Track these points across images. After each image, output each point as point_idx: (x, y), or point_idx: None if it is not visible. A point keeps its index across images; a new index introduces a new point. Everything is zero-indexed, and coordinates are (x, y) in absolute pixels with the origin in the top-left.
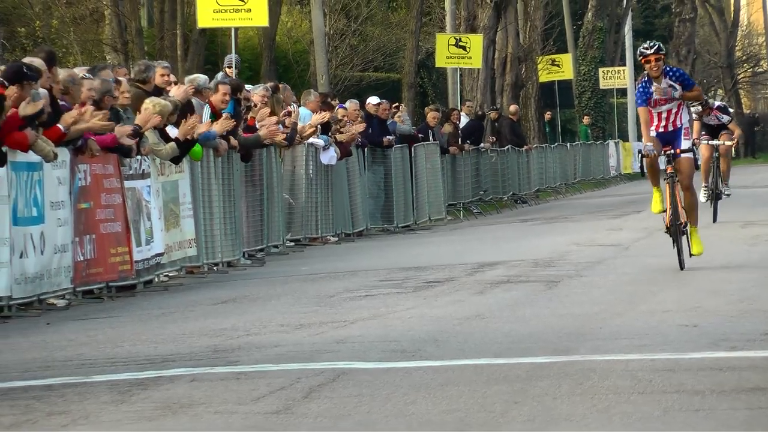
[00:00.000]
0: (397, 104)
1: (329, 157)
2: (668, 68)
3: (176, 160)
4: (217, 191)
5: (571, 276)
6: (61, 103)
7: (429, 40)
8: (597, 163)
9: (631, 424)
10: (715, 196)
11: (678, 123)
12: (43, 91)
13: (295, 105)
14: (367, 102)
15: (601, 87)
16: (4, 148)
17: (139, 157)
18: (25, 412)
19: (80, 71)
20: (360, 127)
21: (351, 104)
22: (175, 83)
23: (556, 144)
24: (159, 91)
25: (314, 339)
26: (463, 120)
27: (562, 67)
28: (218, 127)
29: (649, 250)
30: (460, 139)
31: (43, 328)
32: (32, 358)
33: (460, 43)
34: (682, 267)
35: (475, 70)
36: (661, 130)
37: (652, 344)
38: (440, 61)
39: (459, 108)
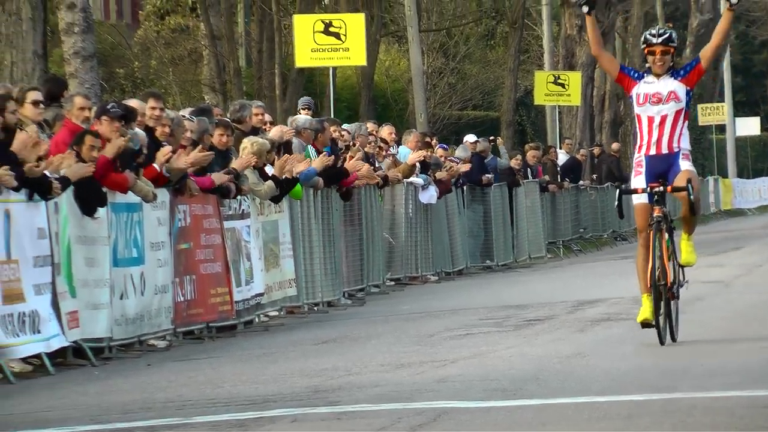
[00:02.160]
0: (493, 138)
1: (428, 196)
2: (677, 70)
3: (276, 199)
4: (317, 231)
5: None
6: (164, 144)
7: (527, 78)
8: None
9: None
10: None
11: (675, 145)
12: (141, 132)
13: (395, 145)
14: (465, 140)
15: (700, 124)
16: (104, 189)
17: (238, 197)
18: None
19: (185, 112)
20: (465, 167)
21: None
22: (272, 123)
23: None
24: (256, 131)
25: (414, 378)
26: (562, 158)
27: None
28: (317, 164)
29: (750, 287)
30: (559, 177)
31: (143, 369)
32: (133, 399)
33: (559, 81)
34: (662, 342)
35: (574, 108)
36: (652, 152)
37: (751, 381)
38: (539, 99)
39: (558, 146)
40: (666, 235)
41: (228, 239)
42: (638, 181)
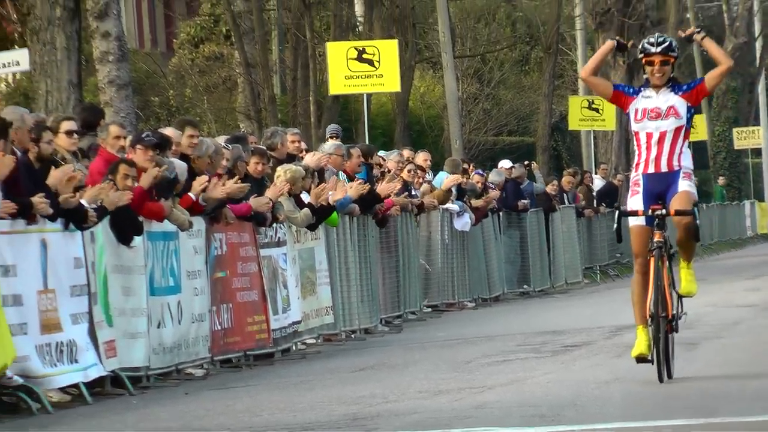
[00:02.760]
0: (528, 162)
1: (463, 222)
2: (678, 83)
3: (312, 227)
4: (354, 258)
5: (710, 337)
6: (204, 172)
7: (562, 103)
8: (733, 224)
9: None
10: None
11: (675, 163)
12: (179, 162)
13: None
14: (499, 165)
15: (736, 147)
16: (140, 218)
17: (274, 224)
18: None
19: (220, 140)
20: (495, 194)
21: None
22: (307, 150)
23: (717, 203)
24: (291, 158)
25: (452, 405)
26: (598, 183)
27: (697, 128)
28: (353, 192)
29: None
30: (595, 202)
31: (181, 397)
32: (171, 427)
33: (593, 106)
34: (661, 380)
35: (609, 132)
36: (650, 170)
37: None
38: (573, 124)
39: (593, 171)
40: (667, 262)
41: (264, 267)
42: (635, 201)
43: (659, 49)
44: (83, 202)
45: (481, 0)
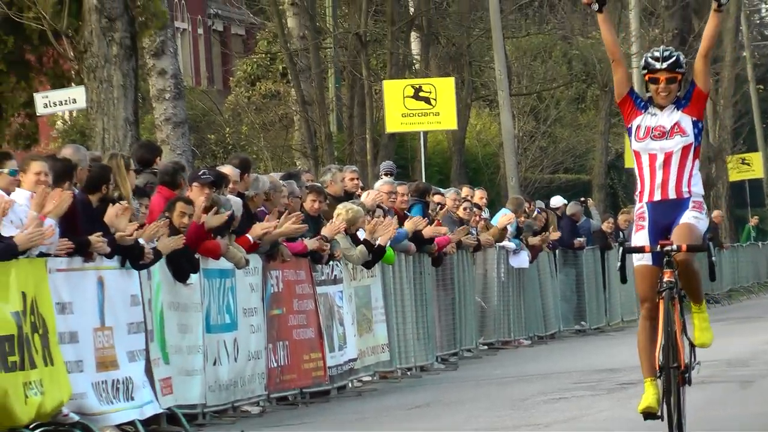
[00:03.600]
0: (584, 198)
1: (520, 260)
2: (679, 100)
3: (368, 264)
4: (410, 295)
5: (765, 376)
6: (260, 209)
7: (618, 141)
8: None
9: None
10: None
11: (685, 189)
12: (235, 199)
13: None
14: (551, 202)
15: None
16: (196, 256)
17: (330, 262)
18: None
19: (275, 177)
20: (555, 235)
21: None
22: (363, 188)
23: (747, 243)
24: (349, 195)
25: None
26: None
27: (753, 166)
28: (409, 226)
29: None
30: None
31: None
32: None
33: None
34: None
35: None
36: (656, 197)
37: None
38: (630, 162)
39: None
40: (678, 306)
41: (321, 304)
42: (640, 237)
43: (665, 65)
44: (141, 240)
45: (537, 38)
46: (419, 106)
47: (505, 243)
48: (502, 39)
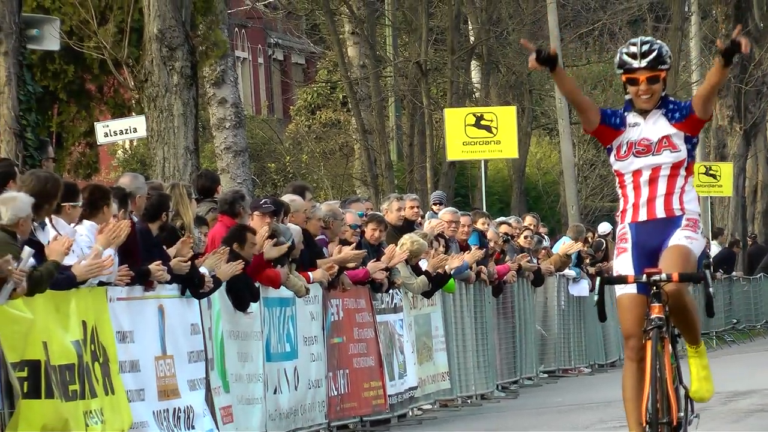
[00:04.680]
0: None
1: (580, 288)
2: (671, 102)
3: (428, 294)
4: (470, 324)
5: None
6: (320, 236)
7: None
8: None
9: None
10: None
11: (676, 206)
12: (295, 227)
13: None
14: (598, 229)
15: None
16: (256, 284)
17: (390, 290)
18: None
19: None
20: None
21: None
22: (422, 216)
23: None
24: (408, 223)
25: None
26: (715, 249)
27: None
28: (470, 258)
29: None
30: (711, 268)
31: None
32: None
33: (710, 172)
34: None
35: (726, 198)
36: (641, 217)
37: None
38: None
39: (710, 237)
40: (670, 347)
41: (381, 333)
42: (623, 262)
43: (644, 62)
44: (202, 269)
45: (597, 66)
46: (480, 134)
47: (566, 271)
48: (563, 67)
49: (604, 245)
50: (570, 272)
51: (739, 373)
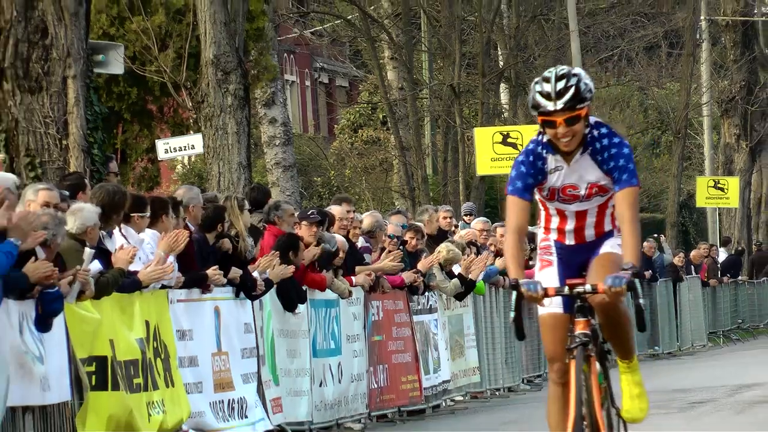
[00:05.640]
0: (657, 235)
1: None
2: (596, 132)
3: (460, 296)
4: (499, 323)
5: None
6: (364, 244)
7: (690, 183)
8: None
9: None
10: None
11: (608, 227)
12: (340, 237)
13: None
14: None
15: None
16: (304, 287)
17: (426, 293)
18: None
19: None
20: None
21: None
22: (456, 226)
23: None
24: (443, 233)
25: None
26: (723, 255)
27: None
28: (500, 264)
29: None
30: (719, 273)
31: None
32: None
33: (719, 185)
34: None
35: (733, 210)
36: (569, 241)
37: None
38: (700, 202)
39: (718, 244)
40: (597, 366)
41: (417, 332)
42: (547, 275)
43: (560, 104)
44: (255, 274)
45: (616, 89)
46: (507, 151)
47: None
48: None
49: None
50: None
51: (743, 368)
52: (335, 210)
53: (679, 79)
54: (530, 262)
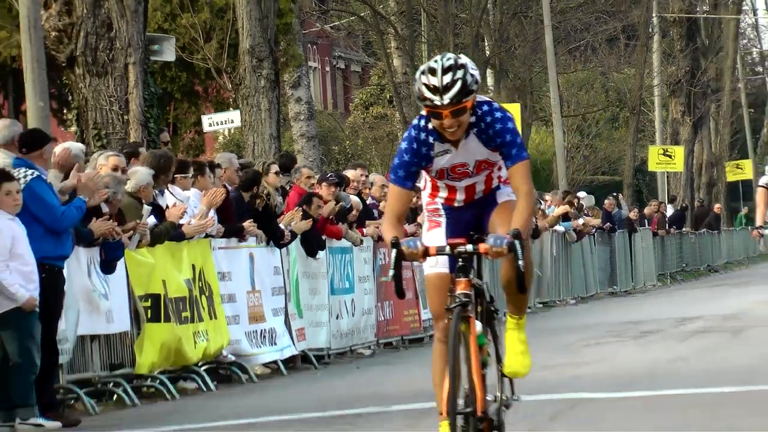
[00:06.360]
0: (616, 194)
1: (566, 227)
2: (480, 111)
3: None
4: (485, 267)
5: (753, 327)
6: (372, 201)
7: (643, 151)
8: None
9: None
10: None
11: (495, 184)
12: (355, 198)
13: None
14: (580, 195)
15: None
16: (323, 237)
17: None
18: None
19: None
20: (596, 221)
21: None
22: None
23: (740, 228)
24: None
25: (558, 376)
26: (670, 211)
27: (744, 170)
28: None
29: None
30: (667, 225)
31: (354, 371)
32: (346, 393)
33: (667, 153)
34: None
35: (678, 173)
36: (457, 203)
37: None
38: (652, 166)
39: (666, 202)
40: (477, 327)
41: (417, 274)
42: (435, 236)
43: (447, 100)
44: (281, 225)
45: (582, 73)
46: None
47: (557, 227)
48: (556, 74)
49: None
50: (560, 228)
51: (686, 304)
52: (350, 173)
53: (634, 65)
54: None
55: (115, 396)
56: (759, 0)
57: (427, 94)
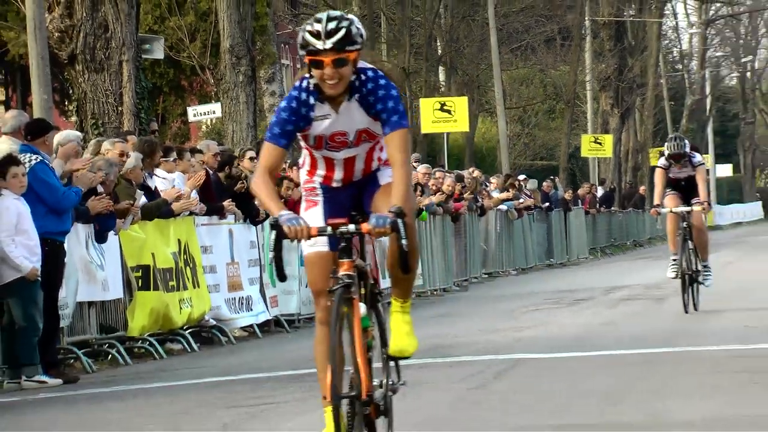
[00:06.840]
0: (553, 178)
1: (508, 205)
2: (363, 76)
3: None
4: (437, 241)
5: (673, 295)
6: None
7: (577, 139)
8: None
9: (716, 390)
10: (689, 279)
11: (375, 165)
12: None
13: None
14: (520, 177)
15: None
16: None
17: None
18: (309, 390)
19: None
20: (531, 201)
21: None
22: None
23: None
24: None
25: (501, 339)
26: (600, 192)
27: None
28: (435, 199)
29: (732, 274)
30: (597, 204)
31: None
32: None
33: (597, 141)
34: None
35: (608, 158)
36: (336, 184)
37: (728, 339)
38: (584, 153)
39: (597, 183)
40: (361, 309)
41: (377, 248)
42: (312, 215)
43: (329, 44)
44: (256, 203)
45: (523, 70)
46: (444, 116)
47: (501, 206)
48: (500, 71)
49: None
50: (503, 207)
51: (615, 274)
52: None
53: (569, 63)
54: (461, 198)
55: (110, 356)
56: (679, 4)
57: (310, 39)
